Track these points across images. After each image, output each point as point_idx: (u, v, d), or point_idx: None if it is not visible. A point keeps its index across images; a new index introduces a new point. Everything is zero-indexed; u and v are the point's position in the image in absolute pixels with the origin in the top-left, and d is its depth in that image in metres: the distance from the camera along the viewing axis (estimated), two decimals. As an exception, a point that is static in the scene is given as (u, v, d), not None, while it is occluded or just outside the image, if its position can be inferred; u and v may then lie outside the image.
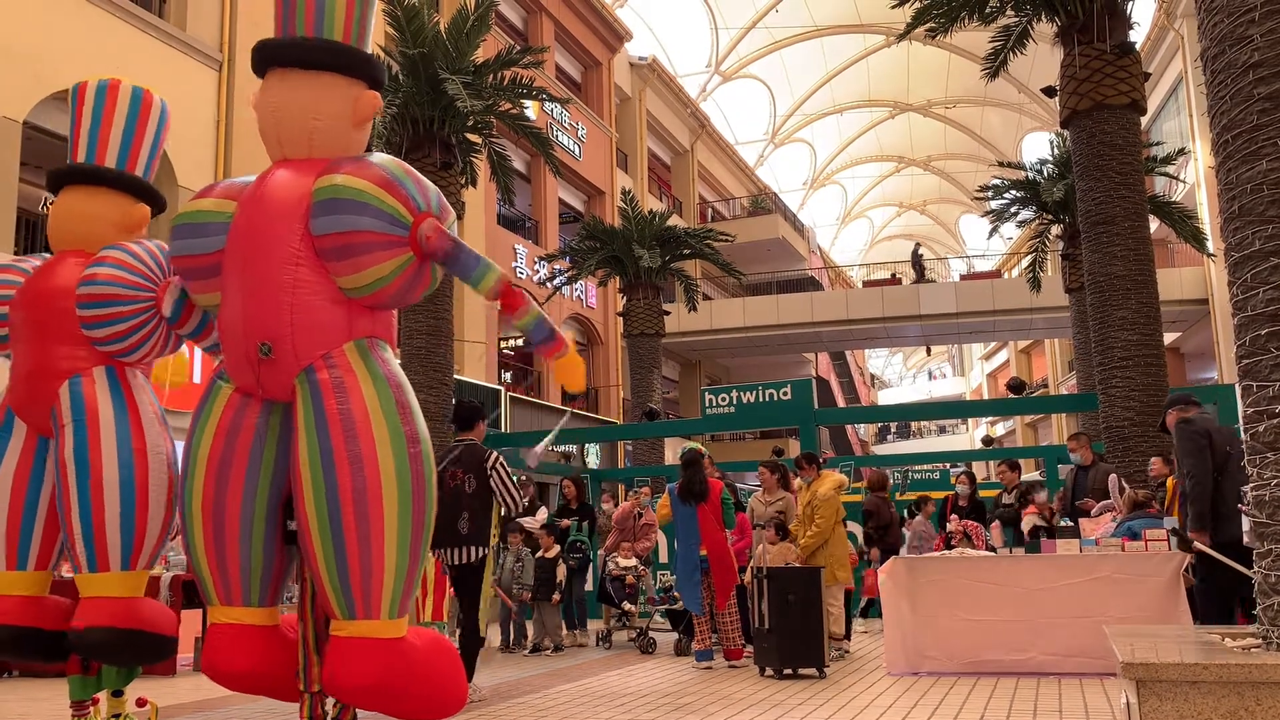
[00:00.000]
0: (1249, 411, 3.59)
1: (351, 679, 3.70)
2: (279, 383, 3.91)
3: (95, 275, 4.55)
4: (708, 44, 38.62)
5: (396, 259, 3.86)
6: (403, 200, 3.87)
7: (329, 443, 3.73)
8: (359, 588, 3.71)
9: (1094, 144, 11.57)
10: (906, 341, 39.02)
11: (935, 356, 66.31)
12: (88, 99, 4.85)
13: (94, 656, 4.54)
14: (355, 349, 3.93)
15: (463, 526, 6.31)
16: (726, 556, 7.98)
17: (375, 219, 3.80)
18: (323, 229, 3.84)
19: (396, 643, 3.76)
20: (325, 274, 3.88)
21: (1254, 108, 3.57)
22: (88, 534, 4.36)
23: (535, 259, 23.78)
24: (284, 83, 4.06)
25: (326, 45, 4.08)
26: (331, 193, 3.83)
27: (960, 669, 7.06)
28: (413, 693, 3.82)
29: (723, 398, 14.64)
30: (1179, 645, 3.57)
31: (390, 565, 3.73)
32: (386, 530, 3.72)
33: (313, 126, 4.03)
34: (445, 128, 14.17)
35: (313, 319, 3.86)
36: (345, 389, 3.80)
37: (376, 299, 3.99)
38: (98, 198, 4.80)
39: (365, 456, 3.72)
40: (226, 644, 4.00)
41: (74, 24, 12.52)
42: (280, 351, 3.85)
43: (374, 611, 3.73)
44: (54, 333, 4.60)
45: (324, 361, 3.86)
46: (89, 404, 4.48)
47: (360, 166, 3.92)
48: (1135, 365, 11.12)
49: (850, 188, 54.73)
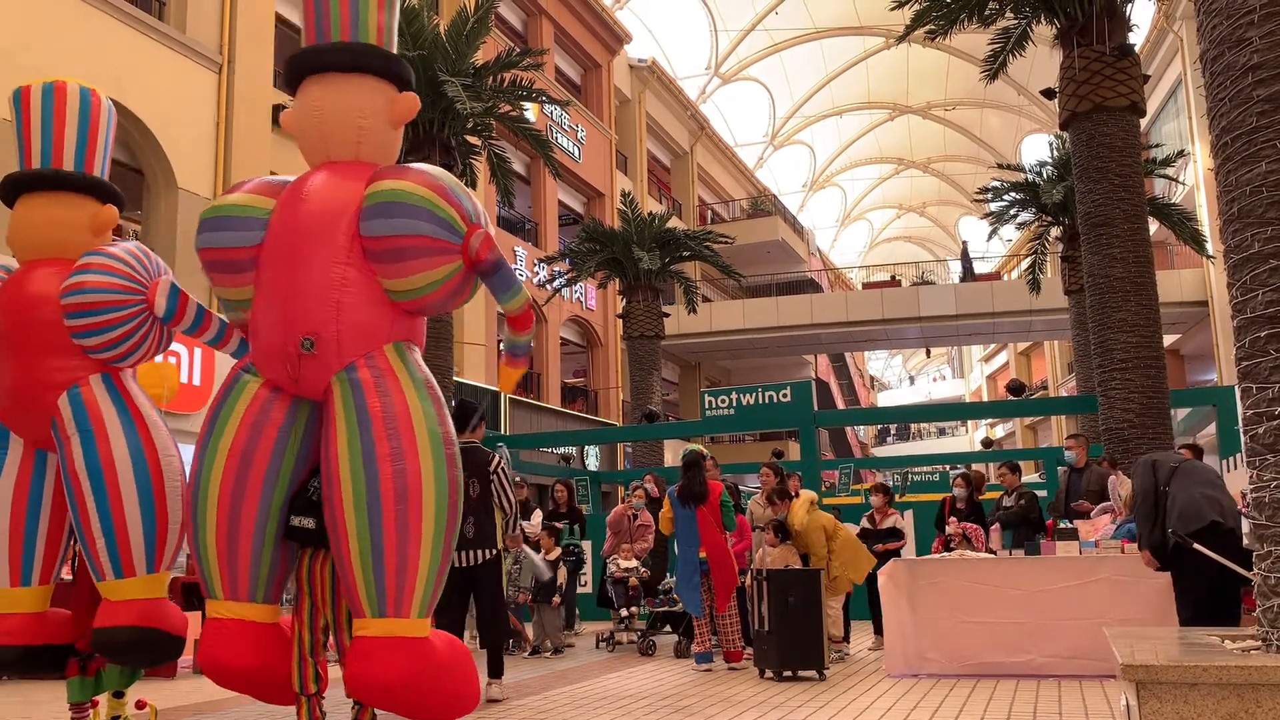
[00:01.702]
0: (1249, 414, 3.59)
1: (381, 677, 3.71)
2: (317, 378, 3.94)
3: (82, 284, 4.46)
4: (707, 46, 38.66)
5: (447, 266, 3.94)
6: (458, 208, 3.94)
7: (371, 440, 3.77)
8: (393, 585, 3.74)
9: (1093, 146, 11.57)
10: (906, 343, 39.03)
11: (935, 358, 66.35)
12: (35, 103, 4.70)
13: (116, 656, 4.53)
14: (394, 350, 4.00)
15: (468, 530, 6.36)
16: (726, 559, 7.98)
17: (432, 224, 3.87)
18: (376, 231, 3.90)
19: (423, 642, 3.80)
20: (372, 275, 3.94)
21: (1253, 110, 3.57)
22: (111, 542, 4.35)
23: (535, 261, 23.79)
24: (326, 87, 4.12)
25: (366, 48, 4.17)
26: (389, 196, 3.90)
27: (960, 671, 7.05)
28: (436, 693, 3.85)
29: (722, 400, 14.64)
30: (1179, 647, 3.57)
31: (425, 564, 3.77)
32: (424, 529, 3.76)
33: (360, 125, 4.11)
34: (445, 130, 14.18)
35: (358, 318, 3.92)
36: (387, 389, 3.86)
37: (420, 304, 4.06)
38: (61, 202, 4.67)
39: (407, 455, 3.77)
40: (230, 639, 4.00)
41: (74, 26, 12.53)
42: (324, 347, 3.89)
43: (405, 610, 3.77)
44: (40, 345, 4.51)
45: (365, 361, 3.92)
46: (93, 413, 4.45)
47: (418, 173, 4.01)
48: (1135, 367, 11.13)
49: (850, 190, 54.77)
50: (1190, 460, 6.16)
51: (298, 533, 4.11)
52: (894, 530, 9.17)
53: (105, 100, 4.93)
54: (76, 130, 4.76)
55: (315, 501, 4.10)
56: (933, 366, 70.16)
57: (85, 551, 4.46)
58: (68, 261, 4.60)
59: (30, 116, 4.74)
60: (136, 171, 13.65)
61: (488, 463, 6.49)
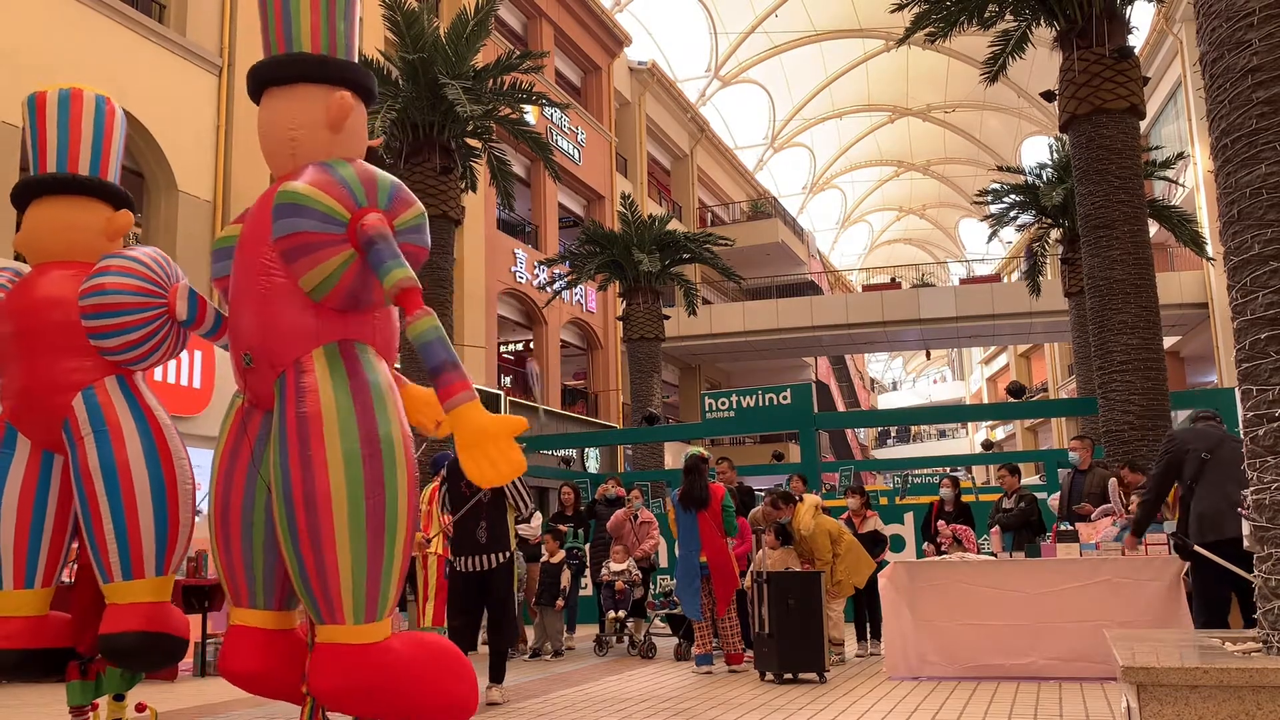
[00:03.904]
0: (1249, 415, 3.59)
1: (319, 682, 3.74)
2: (262, 390, 3.98)
3: (103, 285, 4.49)
4: (707, 49, 38.69)
5: (338, 256, 3.85)
6: (339, 199, 3.87)
7: (286, 448, 3.76)
8: (319, 592, 3.73)
9: (1093, 148, 11.57)
10: (906, 346, 39.00)
11: (935, 360, 66.34)
12: (51, 109, 4.77)
13: (124, 661, 4.54)
14: (324, 354, 3.92)
15: (481, 535, 6.44)
16: (727, 564, 7.97)
17: (311, 219, 3.83)
18: (276, 233, 3.91)
19: (368, 648, 3.73)
20: (295, 280, 3.92)
21: (1253, 112, 3.57)
22: (123, 543, 4.38)
23: (535, 263, 23.79)
24: (267, 102, 4.14)
25: (289, 58, 4.12)
26: (280, 198, 3.90)
27: (961, 673, 7.05)
28: (398, 696, 3.82)
29: (723, 402, 14.64)
30: (1180, 649, 3.57)
31: (345, 569, 3.69)
32: (338, 534, 3.68)
33: (290, 137, 4.07)
34: (445, 132, 14.19)
35: (282, 326, 3.90)
36: (304, 393, 3.81)
37: (334, 299, 3.99)
38: (76, 207, 4.74)
39: (314, 460, 3.70)
40: (234, 645, 4.09)
41: (74, 29, 12.54)
42: (257, 359, 3.93)
43: (338, 616, 3.74)
44: (54, 346, 4.55)
45: (295, 368, 3.90)
46: (108, 415, 4.49)
47: (311, 170, 3.95)
48: (1135, 369, 11.12)
49: (850, 192, 54.80)
50: (1224, 447, 5.55)
51: None
52: (877, 535, 9.13)
53: (118, 109, 4.99)
54: (92, 137, 4.81)
55: None
56: (933, 369, 70.18)
57: (94, 553, 4.47)
58: (80, 264, 4.64)
59: (45, 122, 4.79)
60: (137, 174, 13.65)
61: None
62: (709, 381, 34.46)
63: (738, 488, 9.74)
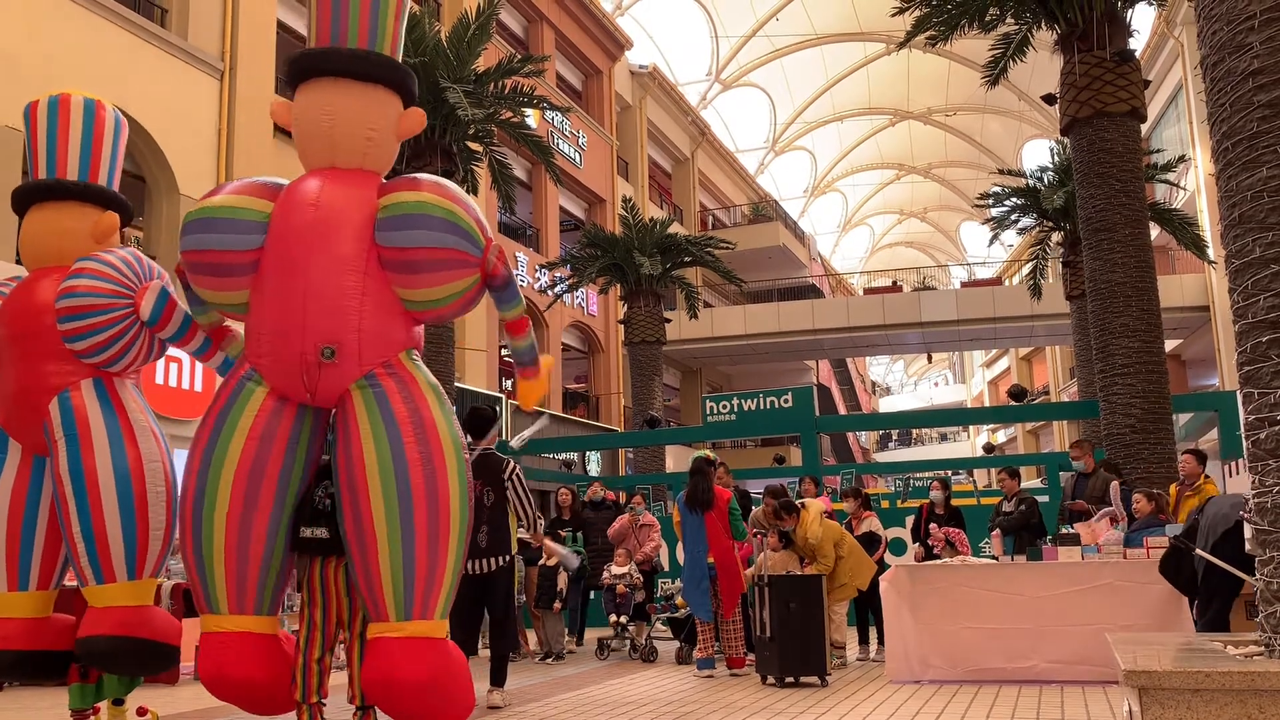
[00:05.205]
0: (1250, 419, 3.59)
1: (411, 677, 3.72)
2: (335, 386, 3.95)
3: (74, 288, 4.52)
4: (708, 52, 38.71)
5: (468, 278, 3.98)
6: (477, 222, 3.98)
7: (401, 445, 3.79)
8: (423, 587, 3.76)
9: (1094, 151, 11.58)
10: (908, 349, 38.96)
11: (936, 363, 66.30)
12: (41, 117, 4.81)
13: (99, 665, 4.53)
14: (408, 358, 4.04)
15: (481, 539, 6.25)
16: (734, 565, 7.96)
17: (456, 237, 3.91)
18: (398, 242, 3.91)
19: (444, 643, 3.86)
20: (387, 284, 3.95)
21: (1254, 115, 3.57)
22: (90, 547, 4.35)
23: (536, 267, 23.80)
24: (339, 93, 4.12)
25: (385, 60, 4.19)
26: (411, 208, 3.91)
27: (962, 677, 7.04)
28: (453, 693, 3.86)
29: (724, 405, 14.64)
30: (1181, 653, 3.57)
31: (451, 566, 3.82)
32: (452, 531, 3.81)
33: (368, 137, 4.14)
34: (446, 136, 14.20)
35: (377, 326, 3.94)
36: (411, 395, 3.89)
37: (437, 314, 4.11)
38: (66, 212, 4.77)
39: (436, 460, 3.80)
40: (240, 653, 3.97)
41: (76, 33, 12.55)
42: (344, 356, 3.89)
43: (430, 611, 3.80)
44: (40, 350, 4.56)
45: (385, 369, 3.92)
46: (80, 417, 4.47)
47: (434, 185, 4.04)
48: (1136, 372, 11.12)
49: (851, 195, 54.79)
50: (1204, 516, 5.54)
51: (309, 543, 4.11)
52: (873, 536, 9.11)
53: (112, 110, 4.97)
54: (80, 141, 4.82)
55: (324, 511, 4.09)
56: (934, 372, 70.12)
57: (70, 556, 4.48)
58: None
59: (37, 129, 4.83)
60: (139, 178, 13.67)
61: (502, 469, 6.45)
62: (710, 385, 34.45)
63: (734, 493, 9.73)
